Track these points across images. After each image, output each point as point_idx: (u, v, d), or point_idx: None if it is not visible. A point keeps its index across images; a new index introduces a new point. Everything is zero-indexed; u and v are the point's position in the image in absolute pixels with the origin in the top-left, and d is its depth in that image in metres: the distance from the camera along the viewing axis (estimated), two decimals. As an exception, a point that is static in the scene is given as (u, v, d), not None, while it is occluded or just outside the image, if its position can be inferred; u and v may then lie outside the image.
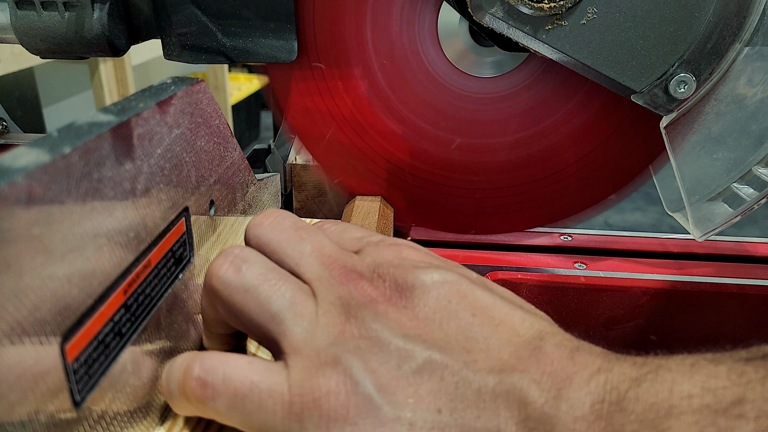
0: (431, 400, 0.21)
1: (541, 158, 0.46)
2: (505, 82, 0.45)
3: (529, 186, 0.48)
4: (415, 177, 0.48)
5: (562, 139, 0.46)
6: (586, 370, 0.21)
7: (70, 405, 0.19)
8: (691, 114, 0.39)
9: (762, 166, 0.39)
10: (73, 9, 0.39)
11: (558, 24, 0.36)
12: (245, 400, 0.22)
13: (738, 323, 0.44)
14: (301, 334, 0.22)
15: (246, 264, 0.24)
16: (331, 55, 0.44)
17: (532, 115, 0.45)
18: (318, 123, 0.47)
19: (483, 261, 0.46)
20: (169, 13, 0.40)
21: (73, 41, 0.40)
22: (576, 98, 0.44)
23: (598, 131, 0.45)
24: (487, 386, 0.21)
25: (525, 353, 0.22)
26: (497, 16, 0.36)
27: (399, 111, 0.46)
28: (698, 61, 0.36)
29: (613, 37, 0.36)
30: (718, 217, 0.41)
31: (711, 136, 0.39)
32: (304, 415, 0.21)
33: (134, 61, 1.80)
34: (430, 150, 0.47)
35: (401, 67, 0.45)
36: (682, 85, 0.37)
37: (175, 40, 0.41)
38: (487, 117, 0.46)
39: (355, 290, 0.24)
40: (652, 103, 0.38)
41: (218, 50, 0.41)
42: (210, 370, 0.22)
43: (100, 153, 0.20)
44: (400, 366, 0.21)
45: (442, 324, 0.23)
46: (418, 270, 0.24)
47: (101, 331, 0.21)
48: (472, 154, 0.47)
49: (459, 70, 0.45)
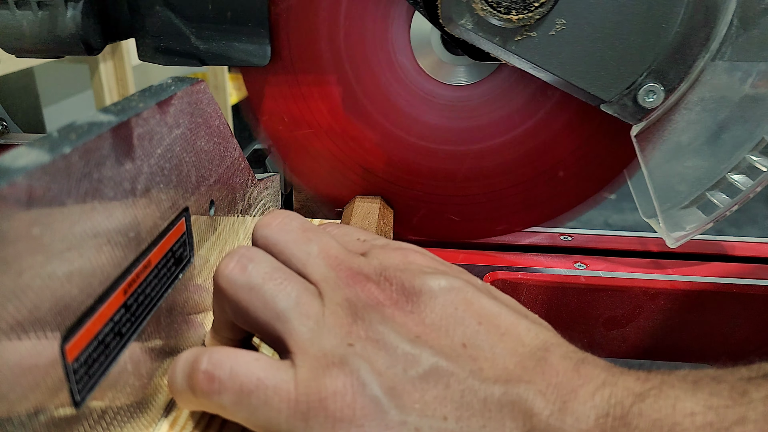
0: (437, 407, 0.21)
1: (517, 164, 0.47)
2: (478, 90, 0.45)
3: (507, 191, 0.48)
4: (391, 184, 0.49)
5: (538, 146, 0.46)
6: (591, 383, 0.21)
7: (70, 405, 0.19)
8: (662, 122, 0.39)
9: (735, 173, 0.39)
10: (47, 8, 0.39)
11: (527, 35, 0.36)
12: (251, 396, 0.22)
13: (738, 323, 0.44)
14: (308, 333, 0.23)
15: (252, 263, 0.24)
16: (306, 61, 0.44)
17: (506, 122, 0.46)
18: (292, 129, 0.47)
19: (483, 261, 0.46)
20: (143, 15, 0.40)
21: (47, 40, 0.40)
22: (548, 106, 0.45)
23: (572, 137, 0.45)
24: (493, 396, 0.21)
25: (530, 364, 0.22)
26: (467, 28, 0.36)
27: (374, 118, 0.46)
28: (666, 71, 0.37)
29: (581, 48, 0.36)
30: (691, 224, 0.41)
31: (681, 145, 0.40)
32: (309, 415, 0.21)
33: (134, 61, 1.79)
34: (405, 157, 0.47)
35: (375, 75, 0.45)
36: (650, 94, 0.37)
37: (149, 41, 0.41)
38: (462, 124, 0.46)
39: (362, 292, 0.24)
40: (622, 112, 0.38)
41: (191, 53, 0.42)
42: (218, 364, 0.22)
43: (100, 153, 0.20)
44: (407, 371, 0.21)
45: (448, 331, 0.23)
46: (424, 275, 0.24)
47: (101, 331, 0.21)
48: (448, 161, 0.47)
49: (432, 78, 0.45)
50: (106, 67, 1.69)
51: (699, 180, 0.40)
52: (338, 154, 0.48)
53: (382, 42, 0.44)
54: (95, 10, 0.40)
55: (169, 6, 0.40)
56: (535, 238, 0.50)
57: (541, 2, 0.35)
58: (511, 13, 0.35)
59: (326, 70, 0.45)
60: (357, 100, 0.46)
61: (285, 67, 0.45)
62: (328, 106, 0.46)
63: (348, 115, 0.46)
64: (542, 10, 0.35)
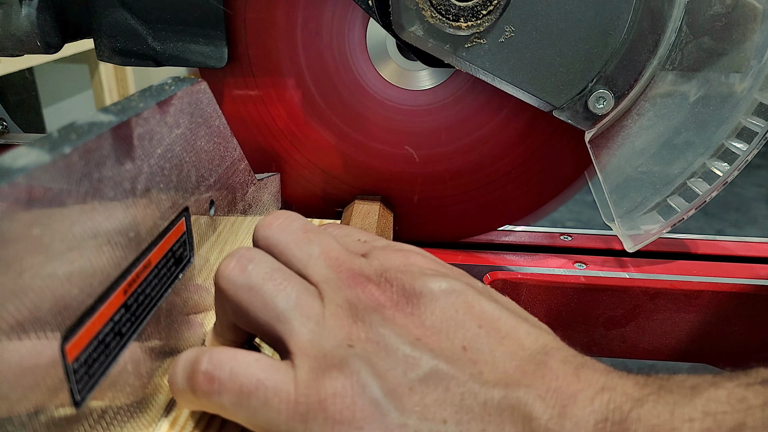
0: (437, 410, 0.21)
1: (476, 167, 0.47)
2: (435, 95, 0.45)
3: (466, 195, 0.48)
4: (352, 187, 0.49)
5: (496, 149, 0.46)
6: (590, 388, 0.21)
7: (71, 404, 0.19)
8: (615, 128, 0.40)
9: (693, 178, 0.40)
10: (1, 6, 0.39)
11: (477, 42, 0.36)
12: (251, 397, 0.22)
13: (738, 323, 0.44)
14: (308, 335, 0.22)
15: (252, 263, 0.24)
16: (264, 63, 0.45)
17: (463, 125, 0.46)
18: (252, 132, 0.47)
19: (483, 261, 0.46)
20: (99, 16, 0.40)
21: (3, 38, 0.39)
22: (506, 109, 0.45)
23: (530, 140, 0.46)
24: (492, 399, 0.21)
25: (530, 367, 0.22)
26: (418, 35, 0.37)
27: (332, 122, 0.47)
28: (616, 77, 0.37)
29: (530, 55, 0.37)
30: (649, 228, 0.42)
31: (635, 150, 0.40)
32: (309, 416, 0.21)
33: (134, 61, 1.79)
34: (364, 161, 0.48)
35: (333, 78, 0.45)
36: (600, 100, 0.37)
37: (106, 41, 0.41)
38: (420, 128, 0.46)
39: (363, 294, 0.24)
40: (573, 118, 0.39)
41: (148, 54, 0.42)
42: (218, 365, 0.22)
43: (101, 153, 0.20)
44: (407, 373, 0.21)
45: (448, 334, 0.23)
46: (425, 277, 0.24)
47: (101, 331, 0.21)
48: (407, 164, 0.48)
49: (389, 83, 0.45)
50: (106, 67, 1.69)
51: (654, 184, 0.41)
52: (298, 158, 0.48)
53: (339, 45, 0.44)
54: (51, 9, 0.40)
55: (126, 7, 0.40)
56: (535, 238, 0.50)
57: (489, 10, 0.35)
58: (460, 20, 0.35)
59: (284, 73, 0.45)
60: (315, 104, 0.46)
61: (243, 69, 0.45)
62: (287, 109, 0.46)
63: (307, 119, 0.46)
64: (491, 17, 0.35)
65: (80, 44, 0.45)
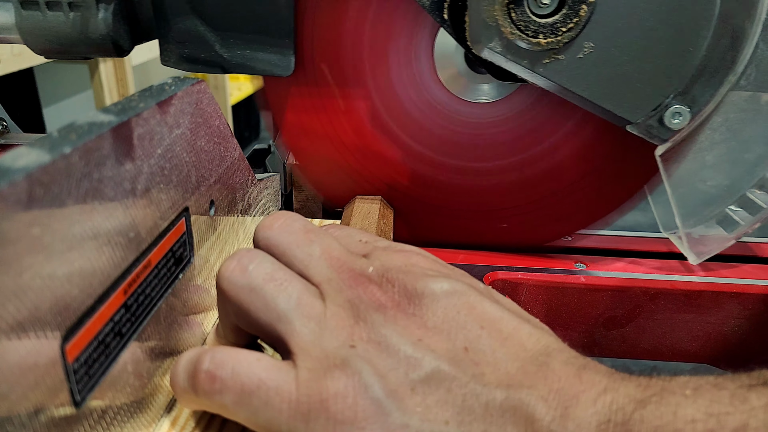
0: (439, 411, 0.21)
1: (539, 180, 0.47)
2: (501, 108, 0.45)
3: (527, 207, 0.48)
4: (414, 200, 0.49)
5: (559, 162, 0.46)
6: (592, 389, 0.21)
7: (71, 405, 0.19)
8: (686, 143, 0.40)
9: (756, 190, 0.40)
10: (78, 9, 0.39)
11: (555, 58, 0.36)
12: (252, 396, 0.22)
13: (738, 323, 0.44)
14: (309, 335, 0.22)
15: (253, 264, 0.24)
16: (329, 73, 0.44)
17: (528, 138, 0.46)
18: (314, 142, 0.47)
19: (483, 261, 0.46)
20: (168, 21, 0.40)
21: (77, 41, 0.40)
22: (570, 123, 0.45)
23: (594, 153, 0.45)
24: (495, 401, 0.21)
25: (532, 369, 0.22)
26: (496, 51, 0.37)
27: (396, 134, 0.46)
28: (693, 93, 0.37)
29: (609, 71, 0.36)
30: (713, 241, 0.42)
31: (705, 164, 0.40)
32: (310, 416, 0.21)
33: (134, 61, 1.79)
34: (428, 174, 0.47)
35: (397, 91, 0.45)
36: (677, 116, 0.37)
37: (174, 47, 0.41)
38: (484, 141, 0.46)
39: (365, 294, 0.24)
40: (648, 133, 0.38)
41: (215, 62, 0.42)
42: (220, 364, 0.22)
43: (101, 153, 0.20)
44: (408, 374, 0.21)
45: (450, 334, 0.23)
46: (427, 278, 0.24)
47: (101, 331, 0.21)
48: (470, 177, 0.47)
49: (454, 96, 0.45)
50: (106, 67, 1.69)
51: (721, 198, 0.41)
52: (360, 170, 0.48)
53: (406, 57, 0.44)
54: (124, 13, 0.40)
55: (197, 14, 0.40)
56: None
57: (570, 27, 0.35)
58: (539, 36, 0.35)
59: (349, 84, 0.45)
60: (379, 115, 0.46)
61: (308, 78, 0.44)
62: (350, 120, 0.46)
63: (370, 130, 0.46)
64: (570, 34, 0.35)
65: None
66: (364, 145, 0.47)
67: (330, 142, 0.47)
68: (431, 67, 0.44)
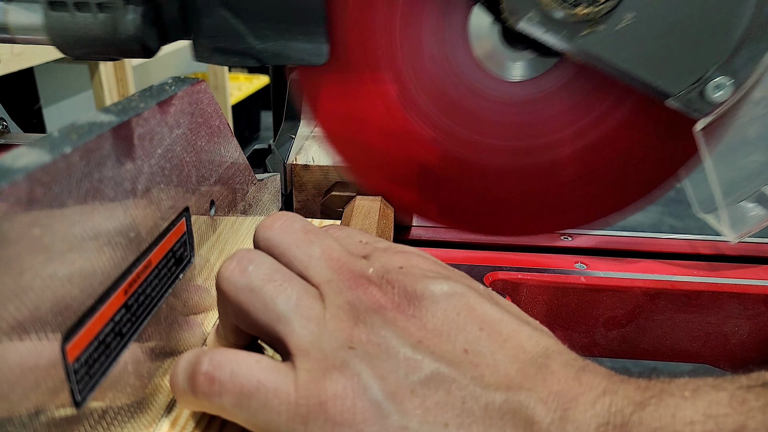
0: (438, 413, 0.21)
1: (576, 159, 0.46)
2: (537, 85, 0.44)
3: (564, 188, 0.47)
4: (449, 181, 0.48)
5: (597, 140, 0.45)
6: (591, 391, 0.21)
7: (71, 405, 0.19)
8: (726, 117, 0.39)
9: None
10: (108, 10, 0.39)
11: (594, 29, 0.36)
12: (251, 398, 0.22)
13: (738, 323, 0.44)
14: (308, 336, 0.22)
15: (252, 264, 0.24)
16: (362, 59, 0.44)
17: (565, 116, 0.45)
18: (349, 127, 0.47)
19: (483, 261, 0.46)
20: (199, 16, 0.40)
21: (106, 42, 0.39)
22: (609, 99, 0.44)
23: (633, 131, 0.44)
24: (494, 403, 0.21)
25: (532, 371, 0.22)
26: (533, 22, 0.36)
27: (430, 115, 0.46)
28: (735, 65, 0.36)
29: (649, 42, 0.36)
30: (753, 219, 0.41)
31: (746, 140, 0.39)
32: (309, 418, 0.21)
33: (134, 61, 1.80)
34: (463, 154, 0.46)
35: (431, 71, 0.44)
36: (719, 89, 0.36)
37: (206, 42, 0.41)
38: (520, 120, 0.45)
39: (364, 295, 0.24)
40: (688, 106, 0.37)
41: (249, 53, 0.41)
42: (218, 366, 0.22)
43: (101, 153, 0.20)
44: (408, 375, 0.21)
45: (449, 336, 0.23)
46: (427, 279, 0.24)
47: (102, 331, 0.21)
48: (505, 156, 0.46)
49: (490, 74, 0.44)
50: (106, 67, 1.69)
51: (762, 174, 0.40)
52: (394, 152, 0.47)
53: (439, 36, 0.43)
54: (151, 12, 0.40)
55: (227, 6, 0.40)
56: (535, 238, 0.50)
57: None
58: (579, 7, 0.35)
59: (382, 67, 0.44)
60: (412, 97, 0.45)
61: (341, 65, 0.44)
62: (384, 103, 0.45)
63: (404, 112, 0.45)
64: (610, 3, 0.34)
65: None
66: (399, 128, 0.46)
67: (366, 127, 0.46)
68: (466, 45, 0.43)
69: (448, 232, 0.51)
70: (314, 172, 0.51)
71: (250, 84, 2.99)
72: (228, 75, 2.56)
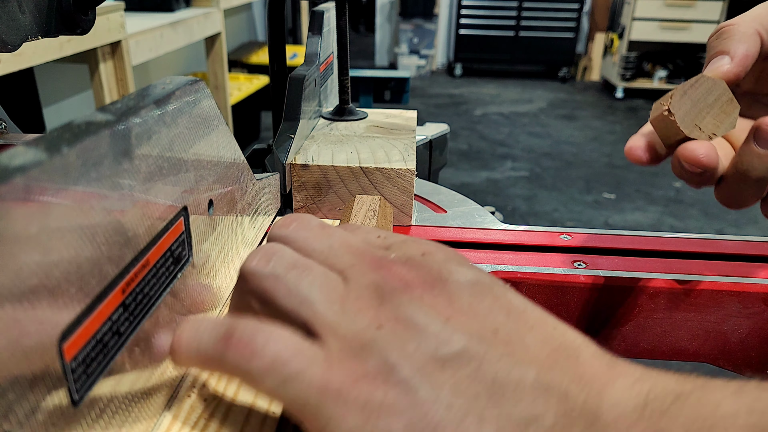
0: (469, 385, 0.21)
1: None
2: None
3: None
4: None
5: None
6: (628, 377, 0.21)
7: (68, 404, 0.19)
8: None
9: None
10: None
11: None
12: (284, 367, 0.21)
13: (737, 322, 0.44)
14: (334, 316, 0.23)
15: (276, 255, 0.25)
16: None
17: None
18: None
19: (483, 261, 0.46)
20: None
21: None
22: None
23: None
24: (526, 378, 0.21)
25: (561, 357, 0.21)
26: None
27: None
28: None
29: None
30: None
31: None
32: (340, 395, 0.21)
33: (134, 61, 1.80)
34: None
35: None
36: None
37: None
38: None
39: (389, 275, 0.24)
40: None
41: None
42: (255, 332, 0.23)
43: (98, 152, 0.20)
44: (438, 349, 0.21)
45: (477, 317, 0.22)
46: (451, 264, 0.24)
47: (99, 330, 0.21)
48: None
49: None
50: (106, 67, 1.69)
51: None
52: None
53: None
54: None
55: None
56: (535, 238, 0.50)
57: None
58: None
59: None
60: None
61: None
62: None
63: None
64: None
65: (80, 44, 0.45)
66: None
67: None
68: None
69: (447, 231, 0.51)
70: (313, 172, 0.51)
71: (250, 84, 2.99)
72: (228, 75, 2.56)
